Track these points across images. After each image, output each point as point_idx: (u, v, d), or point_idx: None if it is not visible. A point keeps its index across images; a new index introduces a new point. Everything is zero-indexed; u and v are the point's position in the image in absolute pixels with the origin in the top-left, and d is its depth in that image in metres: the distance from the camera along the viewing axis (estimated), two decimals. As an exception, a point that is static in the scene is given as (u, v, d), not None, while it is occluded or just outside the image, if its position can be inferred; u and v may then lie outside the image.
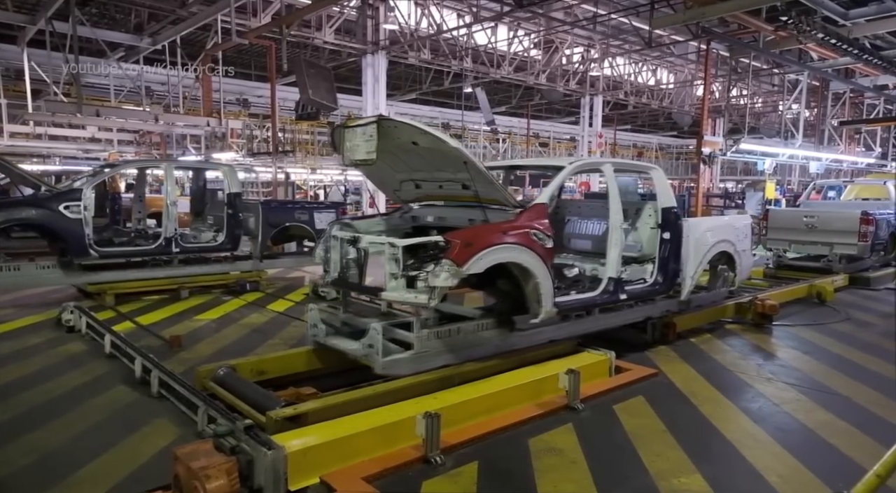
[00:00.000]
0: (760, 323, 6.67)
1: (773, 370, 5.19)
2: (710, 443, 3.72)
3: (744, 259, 6.52)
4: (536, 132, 32.01)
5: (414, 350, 4.01)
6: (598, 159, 6.21)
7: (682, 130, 34.45)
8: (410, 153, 4.52)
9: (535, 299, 4.36)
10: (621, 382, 4.66)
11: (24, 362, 5.09)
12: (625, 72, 24.01)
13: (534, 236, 4.27)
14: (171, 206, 8.00)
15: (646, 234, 5.76)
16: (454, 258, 3.74)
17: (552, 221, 6.34)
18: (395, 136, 4.12)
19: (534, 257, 4.22)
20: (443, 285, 3.71)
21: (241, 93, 22.69)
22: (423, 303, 3.79)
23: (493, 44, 19.34)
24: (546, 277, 4.32)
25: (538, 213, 4.48)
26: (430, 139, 4.05)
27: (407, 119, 4.49)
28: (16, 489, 3.06)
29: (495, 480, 3.22)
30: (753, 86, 22.23)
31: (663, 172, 5.94)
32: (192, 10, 14.00)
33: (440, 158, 4.35)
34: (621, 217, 5.05)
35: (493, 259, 3.98)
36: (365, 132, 4.02)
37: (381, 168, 4.87)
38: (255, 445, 2.92)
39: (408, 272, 3.84)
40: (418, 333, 4.03)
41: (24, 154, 20.83)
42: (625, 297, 5.16)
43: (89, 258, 7.39)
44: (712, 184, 25.06)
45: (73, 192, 7.28)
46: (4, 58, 17.16)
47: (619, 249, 5.01)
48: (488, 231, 4.12)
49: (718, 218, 7.41)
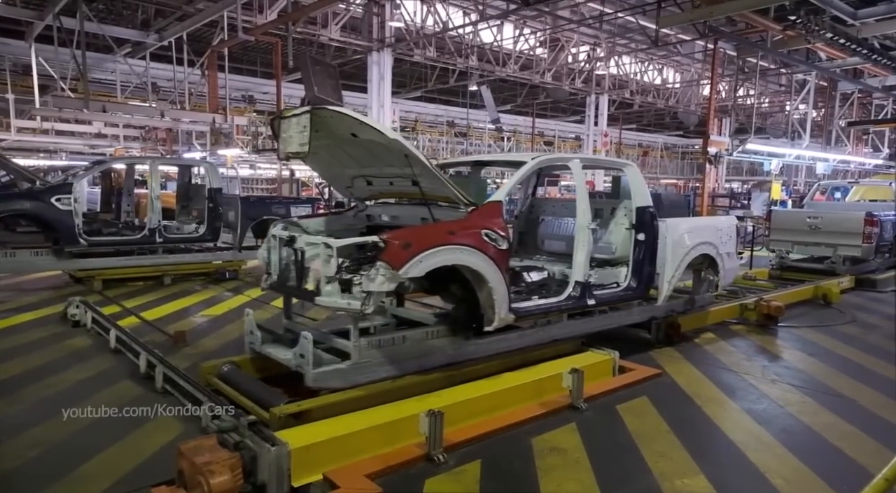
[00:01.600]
0: (765, 324, 6.64)
1: (778, 372, 5.17)
2: (713, 444, 3.71)
3: (727, 263, 6.13)
4: (541, 131, 31.96)
5: (351, 361, 3.71)
6: (565, 155, 5.90)
7: (688, 130, 34.32)
8: (356, 147, 4.20)
9: (489, 304, 4.03)
10: (625, 382, 4.64)
11: (31, 356, 5.12)
12: (631, 71, 23.95)
13: (485, 237, 3.93)
14: (154, 200, 8.74)
15: (620, 235, 5.46)
16: (389, 261, 3.45)
17: (525, 221, 6.27)
18: (332, 127, 3.81)
19: (485, 259, 3.90)
20: (378, 290, 3.44)
21: (246, 89, 22.72)
22: (357, 310, 3.49)
23: (498, 42, 19.30)
24: (500, 281, 3.99)
25: (492, 211, 4.14)
26: (368, 130, 3.71)
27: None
28: (23, 482, 3.08)
29: (498, 479, 3.22)
30: (760, 86, 22.14)
31: (638, 169, 5.61)
32: (199, 6, 14.02)
33: (385, 151, 4.01)
34: (589, 217, 4.74)
35: (436, 262, 3.66)
36: (299, 123, 3.69)
37: (329, 163, 4.60)
38: (259, 441, 2.93)
39: (342, 276, 3.55)
40: (355, 342, 3.71)
41: (31, 149, 20.96)
42: (593, 302, 4.83)
43: (79, 246, 8.06)
44: (718, 184, 24.98)
45: (65, 185, 8.03)
46: (12, 53, 17.23)
47: (586, 251, 4.72)
48: (431, 231, 3.81)
49: (699, 219, 7.03)
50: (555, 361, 4.61)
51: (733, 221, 6.54)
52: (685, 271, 5.96)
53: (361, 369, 3.75)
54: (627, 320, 5.48)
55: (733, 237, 6.28)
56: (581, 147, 29.06)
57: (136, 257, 8.71)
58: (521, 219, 6.33)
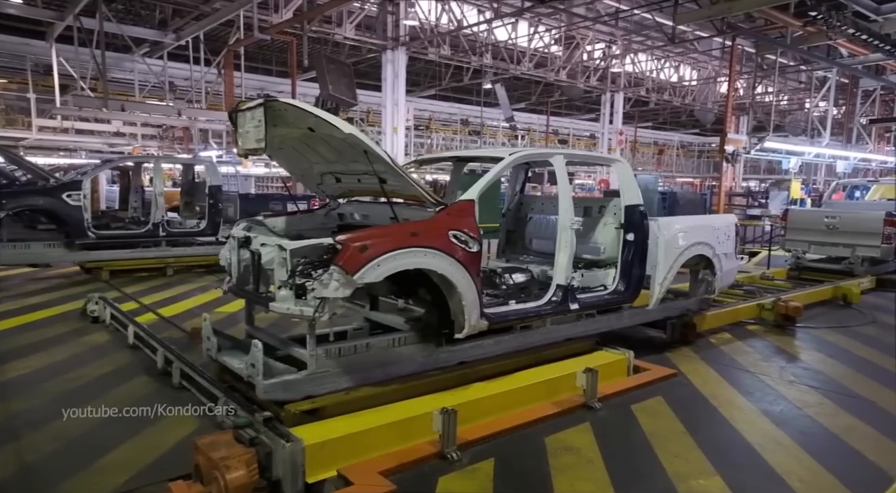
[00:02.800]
0: (783, 325, 6.56)
1: (796, 373, 5.10)
2: (730, 445, 3.67)
3: (725, 264, 5.84)
4: (556, 129, 31.81)
5: (308, 371, 3.50)
6: (546, 150, 5.42)
7: (705, 128, 33.97)
8: (320, 142, 3.98)
9: (459, 310, 3.78)
10: (640, 382, 4.62)
11: (51, 351, 5.21)
12: (647, 68, 23.74)
13: (454, 239, 3.69)
14: (158, 196, 9.26)
15: (609, 235, 5.21)
16: (343, 265, 3.22)
17: (514, 219, 6.01)
18: (290, 121, 3.61)
19: (453, 263, 3.64)
20: (332, 296, 3.23)
21: (262, 88, 22.81)
22: (310, 317, 3.27)
23: (513, 40, 19.24)
24: (469, 286, 3.73)
25: (462, 211, 3.87)
26: (324, 124, 3.48)
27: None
28: (44, 474, 3.14)
29: (511, 477, 3.21)
30: (779, 83, 21.82)
31: (628, 165, 5.33)
32: (216, 5, 14.15)
33: (348, 147, 3.79)
34: (572, 215, 4.46)
35: (397, 266, 3.42)
36: (254, 117, 3.49)
37: (297, 159, 4.38)
38: (274, 437, 2.96)
39: (294, 280, 3.31)
40: (311, 351, 3.49)
41: (51, 148, 21.30)
42: (576, 307, 4.53)
43: (88, 239, 8.63)
44: (735, 183, 24.71)
45: (75, 183, 8.62)
46: (34, 53, 17.52)
47: (569, 252, 4.44)
48: (391, 233, 3.55)
49: (694, 217, 6.55)
50: (569, 360, 4.60)
51: (732, 220, 6.24)
52: (688, 273, 5.89)
53: (319, 379, 3.53)
54: (617, 324, 5.19)
55: (732, 237, 6.01)
56: (596, 145, 28.88)
57: (141, 250, 9.25)
58: (508, 217, 6.05)
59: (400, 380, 3.88)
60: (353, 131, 3.48)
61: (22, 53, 17.76)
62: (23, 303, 7.14)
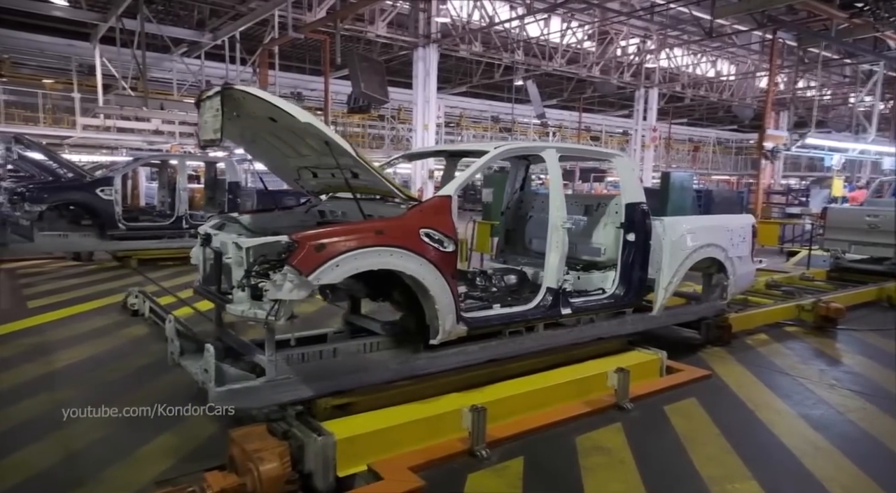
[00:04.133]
0: (823, 326, 6.35)
1: (837, 376, 4.94)
2: (766, 449, 3.58)
3: (739, 267, 5.47)
4: (588, 126, 31.44)
5: (266, 377, 3.26)
6: (537, 143, 5.02)
7: (743, 124, 33.03)
8: (291, 134, 3.72)
9: (433, 315, 3.55)
10: (673, 382, 4.54)
11: (94, 343, 5.40)
12: (682, 63, 23.22)
13: (425, 238, 3.44)
14: (182, 191, 10.19)
15: (610, 235, 4.91)
16: (297, 265, 2.97)
17: (513, 218, 5.71)
18: (250, 110, 3.40)
19: (423, 263, 3.39)
20: (287, 298, 2.99)
21: (295, 86, 23.20)
22: (262, 320, 3.06)
23: (545, 36, 19.06)
24: (443, 288, 3.48)
25: (436, 208, 3.61)
26: (283, 114, 3.22)
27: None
28: (87, 462, 3.26)
29: (541, 476, 3.20)
30: (822, 77, 21.09)
31: (629, 160, 5.01)
32: (251, 5, 14.42)
33: (315, 139, 3.56)
34: (564, 214, 4.18)
35: (358, 266, 3.18)
36: (212, 106, 3.26)
37: (272, 153, 4.16)
38: (306, 430, 3.01)
39: (249, 281, 3.10)
40: (271, 356, 3.27)
41: (94, 146, 22.02)
42: (568, 311, 4.26)
43: (119, 230, 9.59)
44: (774, 180, 24.02)
45: (107, 179, 9.66)
46: (79, 54, 18.15)
47: (560, 253, 4.15)
48: (353, 230, 3.27)
49: (705, 217, 6.20)
50: (600, 359, 4.55)
51: (748, 220, 5.85)
52: (703, 276, 5.60)
53: (279, 387, 3.26)
54: (618, 330, 4.80)
55: (748, 239, 5.60)
56: (629, 142, 28.43)
57: (167, 241, 10.04)
58: (507, 216, 5.77)
59: (430, 377, 3.84)
60: (311, 120, 3.24)
61: (67, 54, 18.44)
62: (68, 295, 7.42)
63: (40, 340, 5.49)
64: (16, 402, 4.02)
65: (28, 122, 19.07)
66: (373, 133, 26.01)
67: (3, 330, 5.78)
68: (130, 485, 3.01)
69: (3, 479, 3.07)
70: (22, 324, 6.01)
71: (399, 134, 25.33)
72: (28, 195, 8.97)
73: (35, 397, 4.12)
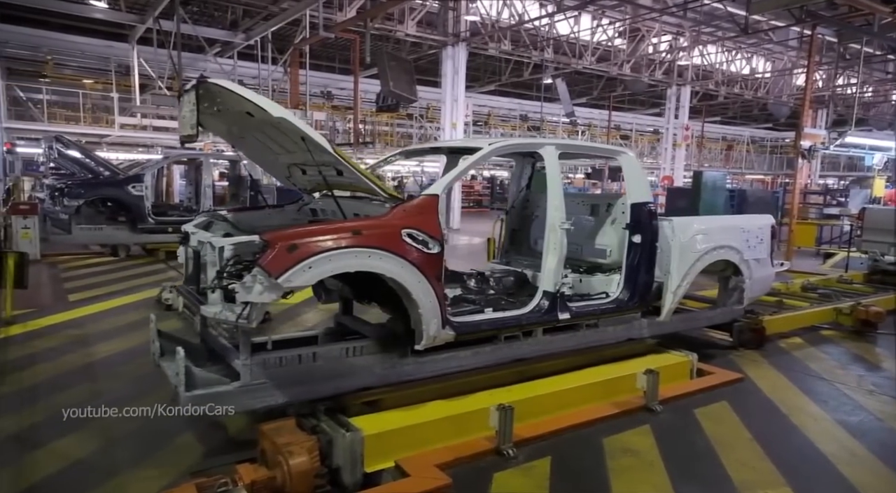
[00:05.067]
0: (862, 331, 6.16)
1: (877, 382, 4.79)
2: (801, 456, 3.49)
3: (756, 271, 5.21)
4: (618, 124, 31.03)
5: (241, 382, 3.13)
6: (534, 140, 4.73)
7: (778, 122, 32.18)
8: (275, 130, 3.54)
9: (416, 318, 3.39)
10: (703, 385, 4.46)
11: (129, 337, 5.55)
12: (716, 60, 22.73)
13: (407, 239, 3.28)
14: (206, 188, 10.77)
15: (616, 236, 4.69)
16: (266, 266, 2.84)
17: (518, 218, 5.51)
18: (231, 106, 3.28)
19: (404, 265, 3.24)
20: (257, 300, 2.85)
21: (325, 85, 23.48)
22: (232, 323, 2.95)
23: (575, 33, 18.88)
24: (427, 291, 3.32)
25: (421, 208, 3.45)
26: (257, 108, 3.08)
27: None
28: (125, 452, 3.36)
29: (568, 477, 3.18)
30: (864, 74, 20.42)
31: (635, 158, 4.72)
32: (283, 5, 14.62)
33: (294, 135, 3.39)
34: (562, 215, 4.00)
35: (333, 268, 3.04)
36: (189, 100, 3.12)
37: (261, 149, 4.02)
38: (335, 426, 3.05)
39: (222, 282, 2.98)
40: (245, 360, 3.14)
41: (131, 144, 22.63)
42: (567, 316, 4.05)
43: (148, 224, 10.19)
44: (811, 180, 23.36)
45: (138, 176, 10.34)
46: (117, 55, 18.69)
47: (558, 256, 3.96)
48: (328, 231, 3.11)
49: (719, 217, 5.88)
50: (629, 361, 4.50)
51: (766, 221, 5.47)
52: (718, 280, 5.40)
53: (254, 392, 3.15)
54: (624, 335, 4.61)
55: (766, 241, 5.30)
56: (660, 141, 27.97)
57: None
58: (512, 215, 5.57)
59: (457, 376, 3.84)
60: (285, 115, 3.12)
61: (106, 55, 19.00)
62: (106, 290, 7.65)
63: (81, 332, 5.68)
64: (61, 390, 4.18)
65: (70, 121, 19.70)
66: (401, 132, 26.13)
67: (48, 321, 6.02)
68: (164, 476, 3.09)
69: (46, 465, 3.19)
70: (64, 316, 6.25)
71: (427, 133, 25.39)
72: (66, 191, 9.81)
73: (77, 387, 4.27)
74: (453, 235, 16.27)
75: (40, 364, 4.75)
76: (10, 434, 3.54)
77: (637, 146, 32.00)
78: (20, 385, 4.31)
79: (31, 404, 3.95)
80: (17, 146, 18.52)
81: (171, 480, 3.02)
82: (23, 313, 6.13)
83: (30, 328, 5.75)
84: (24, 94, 19.63)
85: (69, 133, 16.53)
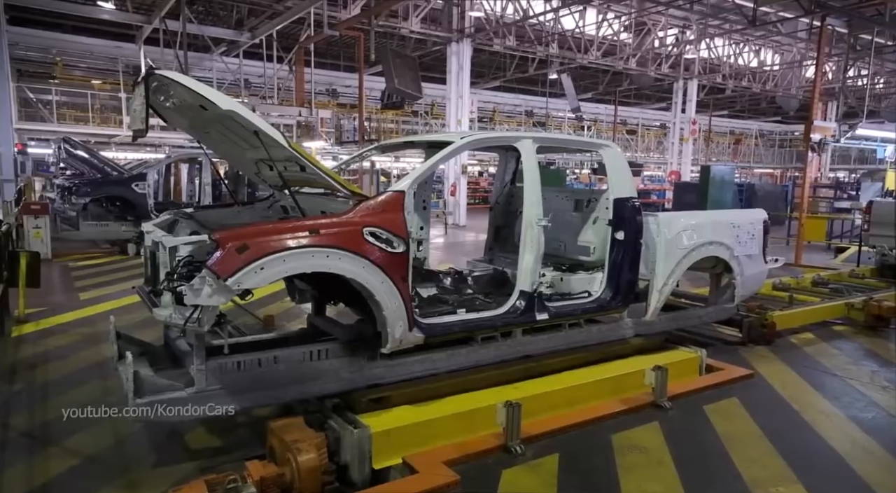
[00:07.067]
0: (875, 326, 6.10)
1: (890, 378, 4.74)
2: (813, 452, 3.46)
3: (747, 267, 5.07)
4: (624, 119, 30.89)
5: (195, 388, 2.99)
6: (509, 134, 4.51)
7: (787, 115, 31.94)
8: (235, 124, 3.31)
9: (381, 321, 3.27)
10: (713, 382, 4.43)
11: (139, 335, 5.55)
12: (723, 53, 22.53)
13: (369, 237, 3.14)
14: (205, 186, 11.01)
15: (600, 233, 4.49)
16: (215, 268, 2.69)
17: (503, 214, 5.33)
18: (185, 99, 3.13)
19: (366, 265, 3.10)
20: (206, 303, 2.71)
21: (330, 83, 23.50)
22: (180, 326, 2.84)
23: (580, 28, 18.78)
24: (391, 292, 3.19)
25: (386, 205, 3.29)
26: (205, 101, 2.95)
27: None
28: (135, 449, 3.39)
29: (576, 474, 3.17)
30: (875, 65, 20.18)
31: (619, 151, 4.54)
32: (288, 4, 14.62)
33: (251, 129, 3.23)
34: (539, 211, 3.85)
35: (287, 269, 2.91)
36: (139, 94, 2.98)
37: (226, 144, 3.86)
38: (343, 423, 3.05)
39: (172, 283, 2.85)
40: (200, 365, 3.00)
41: (139, 143, 22.76)
42: (545, 317, 3.90)
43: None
44: (821, 173, 23.14)
45: (141, 175, 10.88)
46: (125, 55, 18.81)
47: (535, 254, 3.83)
48: (283, 229, 2.97)
49: (706, 212, 5.56)
50: (637, 357, 4.47)
51: (758, 216, 5.30)
52: (710, 277, 5.29)
53: (209, 398, 2.99)
54: (609, 336, 4.44)
55: (757, 236, 5.14)
56: (667, 136, 27.79)
57: None
58: (497, 212, 5.40)
59: (469, 372, 3.79)
60: (234, 107, 2.98)
61: (114, 56, 19.14)
62: (115, 288, 7.69)
63: (92, 330, 5.72)
64: (75, 387, 4.22)
65: (79, 121, 19.83)
66: (406, 129, 26.12)
67: (60, 320, 6.08)
68: (175, 472, 3.11)
69: (61, 461, 3.21)
70: (75, 315, 6.30)
71: (433, 129, 25.36)
72: (74, 190, 10.48)
73: (89, 383, 4.32)
74: (460, 232, 16.25)
75: (52, 363, 4.79)
76: (23, 431, 3.57)
77: (644, 141, 31.84)
78: (34, 382, 4.36)
79: (43, 402, 3.98)
80: (28, 147, 18.69)
81: (182, 477, 3.04)
82: (35, 312, 6.19)
83: (42, 327, 5.82)
84: (35, 95, 19.77)
85: (78, 134, 16.69)
